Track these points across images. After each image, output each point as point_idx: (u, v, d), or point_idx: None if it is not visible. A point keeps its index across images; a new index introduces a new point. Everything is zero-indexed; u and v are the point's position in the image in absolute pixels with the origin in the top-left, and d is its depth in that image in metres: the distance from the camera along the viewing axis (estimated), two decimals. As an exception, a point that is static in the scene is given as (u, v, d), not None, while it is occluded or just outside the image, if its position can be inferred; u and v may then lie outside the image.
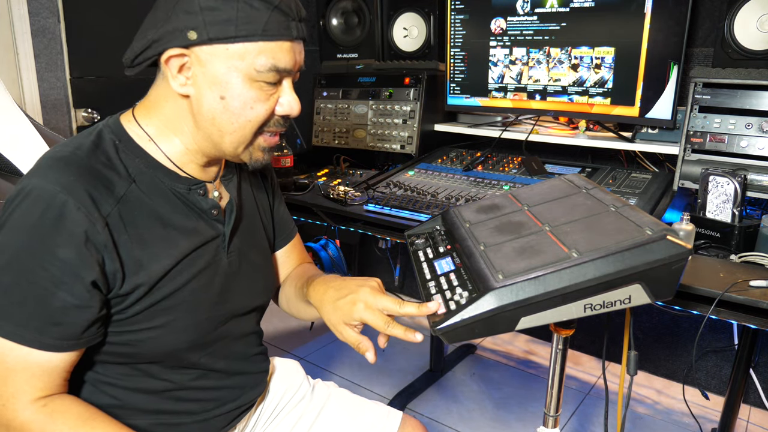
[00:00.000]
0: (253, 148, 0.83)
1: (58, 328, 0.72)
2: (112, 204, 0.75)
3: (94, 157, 0.77)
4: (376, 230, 1.57)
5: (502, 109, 1.94)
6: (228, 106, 0.77)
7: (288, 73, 0.79)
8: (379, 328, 0.83)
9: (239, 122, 0.79)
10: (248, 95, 0.77)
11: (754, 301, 1.00)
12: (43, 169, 0.74)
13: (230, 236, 0.90)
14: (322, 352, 2.44)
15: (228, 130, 0.79)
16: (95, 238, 0.72)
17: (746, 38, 1.45)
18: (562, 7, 1.70)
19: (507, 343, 2.53)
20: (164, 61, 0.76)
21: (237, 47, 0.74)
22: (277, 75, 0.78)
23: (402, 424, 1.08)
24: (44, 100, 2.02)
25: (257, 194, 1.02)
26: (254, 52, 0.75)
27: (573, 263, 0.75)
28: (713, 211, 1.31)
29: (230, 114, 0.78)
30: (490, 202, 1.05)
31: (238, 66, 0.75)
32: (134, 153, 0.81)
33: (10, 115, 1.19)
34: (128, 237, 0.76)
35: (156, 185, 0.81)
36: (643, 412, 2.04)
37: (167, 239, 0.81)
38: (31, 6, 1.94)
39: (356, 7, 2.17)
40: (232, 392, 0.95)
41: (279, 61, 0.77)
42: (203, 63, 0.75)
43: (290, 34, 0.77)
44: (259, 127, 0.81)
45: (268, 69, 0.76)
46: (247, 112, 0.78)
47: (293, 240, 1.12)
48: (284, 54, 0.77)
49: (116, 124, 0.83)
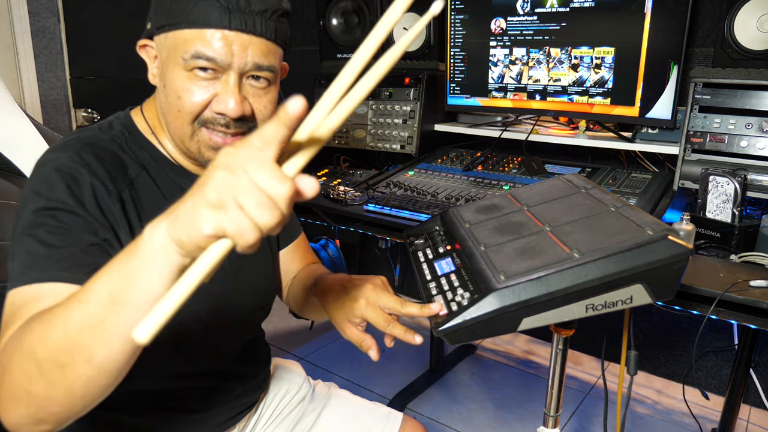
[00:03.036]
0: (199, 144, 0.79)
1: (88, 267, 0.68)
2: (126, 183, 0.78)
3: (111, 142, 0.80)
4: (376, 230, 1.57)
5: (502, 109, 1.94)
6: (166, 94, 0.78)
7: (225, 66, 0.74)
8: (379, 327, 0.83)
9: (172, 111, 0.78)
10: (179, 84, 0.76)
11: (754, 301, 1.00)
12: (68, 147, 0.76)
13: None
14: (323, 352, 2.44)
15: (168, 120, 0.80)
16: (109, 207, 0.74)
17: (746, 38, 1.45)
18: (562, 7, 1.70)
19: (507, 344, 2.54)
20: (138, 50, 0.80)
21: (171, 36, 0.75)
22: (206, 63, 0.74)
23: (402, 425, 1.08)
24: (44, 99, 2.02)
25: None
26: (181, 40, 0.74)
27: (575, 263, 0.75)
28: (713, 211, 1.31)
29: (167, 103, 0.78)
30: (490, 202, 1.05)
31: (171, 55, 0.76)
32: (142, 145, 0.83)
33: (11, 115, 1.19)
34: (137, 218, 0.78)
35: (163, 177, 0.83)
36: (643, 412, 2.04)
37: None
38: (31, 6, 1.94)
39: (356, 7, 2.16)
40: (232, 392, 0.95)
41: (207, 50, 0.73)
42: (159, 53, 0.78)
43: (222, 23, 0.72)
44: (192, 119, 0.77)
45: (191, 56, 0.73)
46: (176, 102, 0.77)
47: (298, 239, 1.12)
48: (212, 42, 0.73)
49: (126, 117, 0.85)
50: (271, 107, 0.81)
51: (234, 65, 0.75)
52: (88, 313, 0.53)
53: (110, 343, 0.54)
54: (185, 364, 0.88)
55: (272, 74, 0.79)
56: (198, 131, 0.78)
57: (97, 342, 0.54)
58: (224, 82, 0.76)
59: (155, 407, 0.87)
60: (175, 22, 0.74)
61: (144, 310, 0.49)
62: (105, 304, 0.53)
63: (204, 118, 0.77)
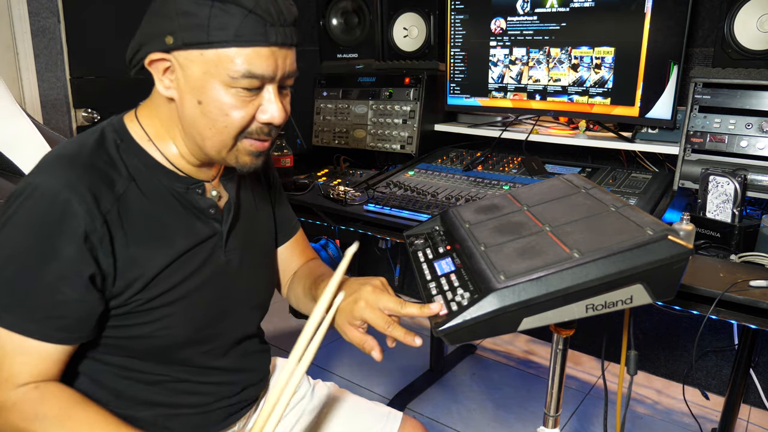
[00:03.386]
0: (237, 153, 0.81)
1: (58, 320, 0.74)
2: (112, 201, 0.77)
3: (96, 155, 0.79)
4: (376, 230, 1.57)
5: (502, 109, 1.94)
6: (205, 111, 0.77)
7: (269, 79, 0.76)
8: (379, 328, 0.83)
9: (216, 128, 0.78)
10: (224, 101, 0.75)
11: (754, 301, 1.00)
12: (47, 167, 0.76)
13: (228, 235, 0.90)
14: (323, 352, 2.44)
15: (207, 135, 0.79)
16: (93, 235, 0.74)
17: (746, 38, 1.45)
18: (562, 7, 1.70)
19: (507, 344, 2.54)
20: (147, 64, 0.77)
21: (211, 53, 0.73)
22: (255, 81, 0.75)
23: (402, 424, 1.08)
24: (44, 100, 2.02)
25: (258, 193, 1.02)
26: (228, 59, 0.73)
27: (575, 263, 0.75)
28: (713, 211, 1.31)
29: (207, 119, 0.77)
30: (489, 202, 1.05)
31: (213, 72, 0.74)
32: (134, 152, 0.82)
33: (11, 115, 1.19)
34: (124, 234, 0.78)
35: (154, 185, 0.82)
36: (643, 412, 2.04)
37: (163, 238, 0.81)
38: (31, 6, 1.93)
39: (356, 7, 2.16)
40: (231, 388, 0.96)
41: (255, 68, 0.74)
42: (183, 67, 0.75)
43: (267, 40, 0.73)
44: (238, 133, 0.79)
45: (242, 75, 0.73)
46: (223, 119, 0.77)
47: (296, 236, 1.12)
48: (261, 60, 0.74)
49: (119, 123, 0.84)
50: (289, 109, 0.83)
51: (277, 78, 0.77)
52: None
53: None
54: (184, 364, 0.88)
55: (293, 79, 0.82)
56: (239, 143, 0.80)
57: None
58: (267, 93, 0.78)
59: (154, 400, 0.87)
60: (219, 39, 0.72)
61: None
62: None
63: (250, 130, 0.79)
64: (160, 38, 0.74)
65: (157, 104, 0.83)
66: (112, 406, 0.83)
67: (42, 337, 0.74)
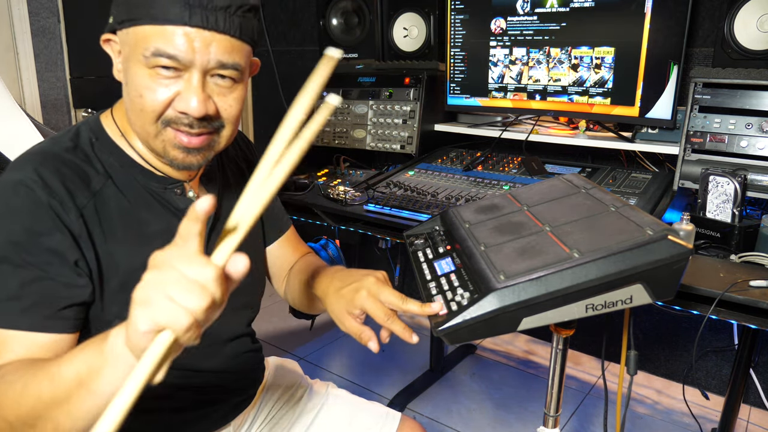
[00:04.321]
0: (164, 144, 0.77)
1: (47, 309, 0.72)
2: (87, 197, 0.76)
3: (72, 153, 0.78)
4: (376, 230, 1.57)
5: (502, 109, 1.94)
6: (127, 92, 0.76)
7: (187, 63, 0.71)
8: (378, 320, 0.81)
9: (134, 110, 0.76)
10: (140, 82, 0.73)
11: (754, 301, 1.00)
12: (22, 163, 0.75)
13: (209, 236, 0.88)
14: (322, 352, 2.44)
15: (132, 119, 0.78)
16: (72, 226, 0.73)
17: (746, 38, 1.45)
18: (562, 7, 1.70)
19: (507, 343, 2.54)
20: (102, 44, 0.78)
21: (132, 31, 0.73)
22: (168, 61, 0.71)
23: (401, 424, 1.08)
24: (44, 99, 2.02)
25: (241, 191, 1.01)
26: (143, 37, 0.71)
27: (575, 263, 0.75)
28: (713, 211, 1.31)
29: (130, 101, 0.76)
30: (489, 202, 1.05)
31: (132, 51, 0.73)
32: (109, 150, 0.81)
33: (11, 115, 1.19)
34: (102, 231, 0.76)
35: (131, 183, 0.81)
36: (643, 412, 2.04)
37: (141, 236, 0.80)
38: (31, 6, 1.94)
39: (356, 7, 2.16)
40: (223, 390, 0.95)
41: (168, 47, 0.70)
42: (121, 48, 0.76)
43: (182, 20, 0.69)
44: (155, 117, 0.74)
45: (152, 53, 0.70)
46: (138, 100, 0.74)
47: (287, 233, 1.11)
48: (174, 39, 0.70)
49: (95, 122, 0.83)
50: (237, 105, 0.78)
51: (196, 63, 0.72)
52: (58, 392, 0.59)
53: (75, 419, 0.60)
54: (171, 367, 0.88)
55: (238, 72, 0.75)
56: (163, 131, 0.76)
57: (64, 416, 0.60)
58: (187, 81, 0.73)
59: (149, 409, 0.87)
60: (136, 17, 0.71)
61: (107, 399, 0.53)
62: (72, 387, 0.58)
63: (167, 117, 0.75)
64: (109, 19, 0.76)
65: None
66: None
67: (33, 328, 0.71)
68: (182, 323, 0.49)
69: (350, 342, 2.48)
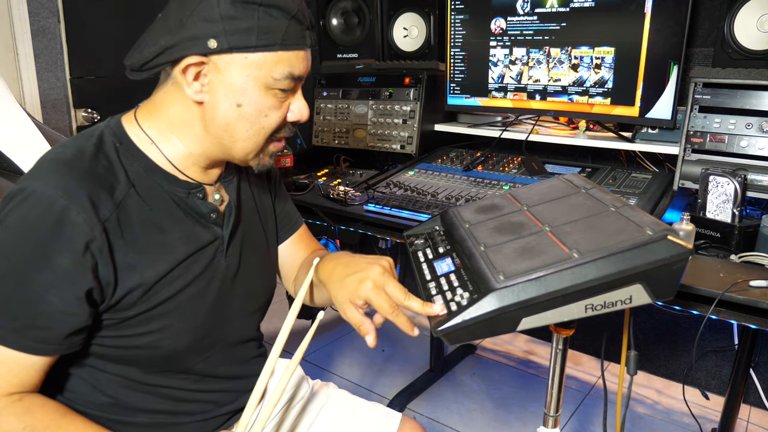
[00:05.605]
0: (263, 154, 0.85)
1: (40, 331, 0.72)
2: (111, 209, 0.75)
3: (96, 160, 0.76)
4: (376, 230, 1.56)
5: (502, 109, 1.94)
6: (243, 113, 0.78)
7: (301, 80, 0.81)
8: (383, 311, 0.81)
9: (254, 129, 0.80)
10: (264, 103, 0.79)
11: (754, 301, 1.00)
12: (45, 172, 0.73)
13: (230, 239, 0.89)
14: (323, 352, 2.44)
15: (242, 137, 0.80)
16: (93, 244, 0.72)
17: (746, 38, 1.45)
18: (562, 7, 1.70)
19: (507, 343, 2.54)
20: (182, 68, 0.75)
21: (256, 56, 0.75)
22: (292, 83, 0.79)
23: (401, 425, 1.08)
24: (44, 99, 2.02)
25: (258, 194, 1.01)
26: (272, 61, 0.76)
27: (574, 264, 0.75)
28: (713, 211, 1.31)
29: (245, 121, 0.79)
30: (489, 202, 1.05)
31: (257, 75, 0.76)
32: (134, 156, 0.80)
33: (12, 114, 1.19)
34: (124, 242, 0.76)
35: (154, 190, 0.81)
36: (643, 412, 2.04)
37: (163, 245, 0.80)
38: (31, 6, 1.94)
39: (356, 7, 2.16)
40: (230, 395, 0.95)
41: (295, 70, 0.78)
42: (221, 71, 0.75)
43: (305, 43, 0.79)
44: (271, 133, 0.82)
45: (285, 77, 0.78)
46: (261, 120, 0.80)
47: (299, 231, 1.11)
48: (300, 62, 0.79)
49: (117, 126, 0.82)
50: None
51: (304, 77, 0.82)
52: None
53: None
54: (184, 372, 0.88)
55: None
56: (267, 145, 0.84)
57: None
58: (296, 95, 0.83)
59: (153, 408, 0.87)
60: (267, 43, 0.74)
61: None
62: None
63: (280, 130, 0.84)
64: (201, 42, 0.73)
65: (164, 106, 0.81)
66: (112, 412, 0.83)
67: (20, 348, 0.71)
68: None
69: (351, 342, 2.48)
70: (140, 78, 0.80)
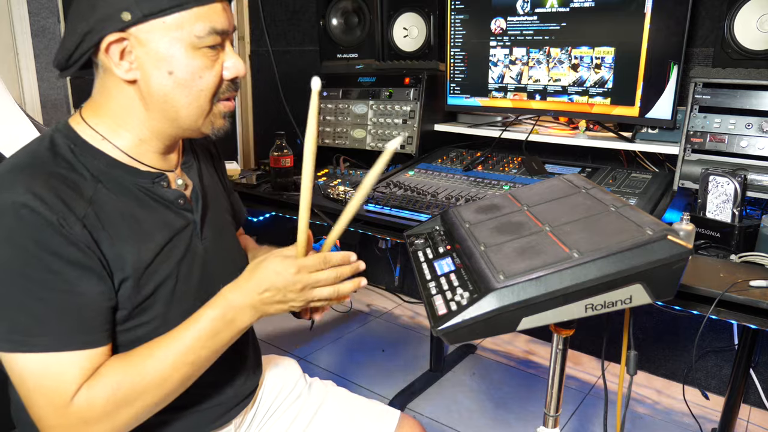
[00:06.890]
0: (213, 117, 0.83)
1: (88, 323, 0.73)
2: (84, 206, 0.74)
3: (55, 162, 0.76)
4: (376, 230, 1.56)
5: (502, 109, 1.94)
6: (178, 80, 0.77)
7: (226, 34, 0.79)
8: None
9: (193, 94, 0.79)
10: (195, 64, 0.77)
11: (754, 301, 1.00)
12: (8, 180, 0.71)
13: (202, 223, 0.90)
14: (322, 351, 2.44)
15: (183, 104, 0.79)
16: (77, 238, 0.72)
17: (746, 38, 1.45)
18: (562, 7, 1.70)
19: (507, 343, 2.54)
20: (104, 49, 0.74)
21: (173, 18, 0.74)
22: (217, 37, 0.77)
23: (400, 423, 1.08)
24: (44, 99, 2.02)
25: (216, 177, 1.03)
26: (191, 19, 0.74)
27: (574, 263, 0.75)
28: (713, 211, 1.31)
29: (182, 88, 0.78)
30: (490, 202, 1.05)
31: (179, 37, 0.74)
32: (92, 155, 0.80)
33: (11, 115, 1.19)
34: (108, 235, 0.76)
35: (120, 183, 0.81)
36: (643, 412, 2.04)
37: (141, 233, 0.80)
38: (31, 6, 1.94)
39: (356, 7, 2.17)
40: (225, 387, 0.95)
41: (216, 24, 0.76)
42: (143, 42, 0.74)
43: None
44: (212, 95, 0.80)
45: (207, 33, 0.76)
46: (198, 82, 0.78)
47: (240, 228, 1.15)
48: (218, 15, 0.77)
49: (67, 129, 0.81)
50: None
51: (229, 32, 0.80)
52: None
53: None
54: None
55: None
56: (215, 106, 0.82)
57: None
58: (226, 50, 0.81)
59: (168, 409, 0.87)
60: (180, 2, 0.73)
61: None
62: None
63: (222, 90, 0.81)
64: (115, 17, 0.72)
65: (104, 98, 0.81)
66: None
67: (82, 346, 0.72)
68: None
69: (350, 342, 2.48)
70: (68, 75, 0.80)
